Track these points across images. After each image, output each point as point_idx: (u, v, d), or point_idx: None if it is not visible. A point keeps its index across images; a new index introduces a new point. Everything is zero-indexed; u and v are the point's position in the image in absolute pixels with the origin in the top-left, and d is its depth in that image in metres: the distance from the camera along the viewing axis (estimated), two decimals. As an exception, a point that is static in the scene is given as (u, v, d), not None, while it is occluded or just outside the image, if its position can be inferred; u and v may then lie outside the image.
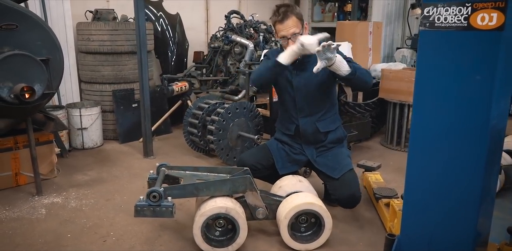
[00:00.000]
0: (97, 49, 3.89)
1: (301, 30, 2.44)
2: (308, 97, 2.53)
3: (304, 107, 2.55)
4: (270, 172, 2.61)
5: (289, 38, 2.41)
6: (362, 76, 2.33)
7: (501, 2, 1.39)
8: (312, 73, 2.45)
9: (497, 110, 1.51)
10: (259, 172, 2.58)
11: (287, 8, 2.42)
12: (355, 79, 2.30)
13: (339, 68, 2.24)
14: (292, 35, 2.40)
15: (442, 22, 1.54)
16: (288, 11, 2.40)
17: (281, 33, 2.44)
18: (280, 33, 2.45)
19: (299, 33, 2.41)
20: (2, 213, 2.62)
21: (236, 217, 2.06)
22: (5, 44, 2.52)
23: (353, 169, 2.50)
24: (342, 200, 2.43)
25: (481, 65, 1.48)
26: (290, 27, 2.40)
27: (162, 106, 4.33)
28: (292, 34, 2.40)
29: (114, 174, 3.30)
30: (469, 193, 1.60)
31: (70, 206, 2.74)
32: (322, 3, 6.22)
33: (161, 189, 1.98)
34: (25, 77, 2.56)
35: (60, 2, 3.94)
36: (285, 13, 2.39)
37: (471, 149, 1.55)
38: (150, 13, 4.66)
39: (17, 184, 3.03)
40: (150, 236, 2.34)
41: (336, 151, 2.58)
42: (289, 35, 2.40)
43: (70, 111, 3.80)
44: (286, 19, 2.39)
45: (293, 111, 2.59)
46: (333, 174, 2.45)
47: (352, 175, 2.44)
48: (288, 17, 2.39)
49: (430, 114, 1.64)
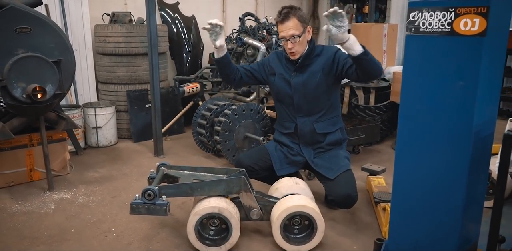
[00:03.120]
0: (113, 50, 4.02)
1: (302, 33, 2.43)
2: (306, 96, 2.55)
3: (302, 107, 2.57)
4: (268, 174, 2.64)
5: (288, 40, 2.42)
6: (374, 60, 2.28)
7: (483, 7, 1.38)
8: (312, 75, 2.50)
9: (481, 117, 1.50)
10: (256, 173, 2.61)
11: (290, 9, 2.41)
12: (367, 61, 2.23)
13: (352, 46, 2.18)
14: (290, 37, 2.41)
15: (426, 27, 1.54)
16: (290, 13, 2.40)
17: (281, 34, 2.46)
18: (280, 33, 2.47)
19: (299, 36, 2.42)
20: (14, 207, 2.75)
21: (229, 217, 2.10)
22: (19, 46, 2.66)
23: (350, 170, 2.50)
24: (338, 200, 2.44)
25: (464, 71, 1.47)
26: (289, 29, 2.40)
27: (176, 107, 4.43)
28: (291, 36, 2.41)
29: (124, 172, 3.41)
30: (453, 199, 1.59)
31: (78, 202, 2.85)
32: (340, 4, 6.18)
33: (156, 188, 2.04)
34: (37, 77, 2.69)
35: (79, 5, 4.10)
36: (287, 14, 2.40)
37: (454, 155, 1.54)
38: (167, 15, 4.78)
39: (32, 179, 3.18)
40: (149, 233, 2.41)
41: (334, 152, 2.59)
42: (288, 36, 2.41)
43: (85, 111, 3.95)
44: (286, 20, 2.40)
45: (292, 110, 2.61)
46: (328, 174, 2.46)
47: (348, 176, 2.45)
48: (289, 18, 2.40)
49: (415, 120, 1.63)
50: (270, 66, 2.67)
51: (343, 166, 2.48)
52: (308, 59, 2.52)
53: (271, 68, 2.66)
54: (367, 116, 3.94)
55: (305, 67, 2.53)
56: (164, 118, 4.02)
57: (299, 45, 2.46)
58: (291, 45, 2.44)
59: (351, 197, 2.40)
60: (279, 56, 2.66)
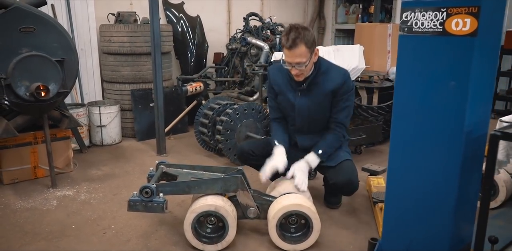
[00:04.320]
0: (118, 50, 4.06)
1: (309, 59, 2.31)
2: (309, 119, 2.54)
3: (303, 128, 2.59)
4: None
5: (293, 66, 2.32)
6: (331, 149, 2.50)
7: (474, 7, 1.38)
8: (317, 97, 2.46)
9: (473, 117, 1.50)
10: (256, 159, 2.63)
11: (298, 34, 2.24)
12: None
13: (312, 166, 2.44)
14: (296, 64, 2.30)
15: (419, 27, 1.54)
16: (297, 38, 2.23)
17: (286, 59, 2.34)
18: (285, 58, 2.34)
19: (305, 64, 2.30)
20: (18, 203, 2.80)
21: (225, 215, 2.12)
22: (23, 46, 2.70)
23: (352, 160, 2.55)
24: (339, 185, 2.47)
25: (455, 71, 1.47)
26: (296, 56, 2.28)
27: (180, 106, 4.45)
28: (297, 64, 2.30)
29: (126, 170, 3.44)
30: (445, 199, 1.59)
31: (80, 199, 2.89)
32: (346, 4, 6.18)
33: (153, 185, 2.07)
34: (41, 76, 2.74)
35: (85, 5, 4.14)
36: (294, 41, 2.24)
37: (446, 155, 1.54)
38: (172, 15, 4.82)
39: (36, 176, 3.23)
40: (148, 230, 2.44)
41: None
42: (294, 63, 2.31)
43: (90, 109, 4.00)
44: (294, 47, 2.25)
45: (292, 128, 2.63)
46: (330, 163, 2.50)
47: (349, 163, 2.50)
48: (297, 45, 2.24)
49: (408, 120, 1.64)
50: (274, 86, 2.59)
51: (344, 156, 2.53)
52: (314, 81, 2.43)
53: (276, 87, 2.58)
54: (369, 116, 3.93)
55: (311, 86, 2.45)
56: (168, 117, 4.06)
57: (306, 69, 2.36)
58: (296, 71, 2.35)
59: (353, 183, 2.45)
60: (281, 71, 2.52)
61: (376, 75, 4.09)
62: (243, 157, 2.74)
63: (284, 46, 2.31)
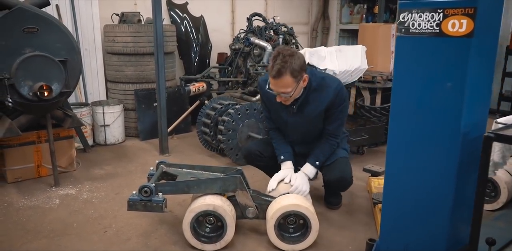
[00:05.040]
0: (121, 50, 4.09)
1: (295, 88, 2.24)
2: (303, 134, 2.57)
3: (297, 140, 2.62)
4: (273, 163, 2.64)
5: (279, 94, 2.29)
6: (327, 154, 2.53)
7: (470, 8, 1.38)
8: (309, 115, 2.45)
9: (470, 118, 1.49)
10: (264, 159, 2.67)
11: (284, 63, 2.15)
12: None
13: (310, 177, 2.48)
14: (281, 93, 2.26)
15: (416, 28, 1.54)
16: (283, 68, 2.15)
17: (272, 87, 2.29)
18: (271, 85, 2.29)
19: (290, 94, 2.25)
20: (21, 201, 2.84)
21: (224, 214, 2.13)
22: (26, 46, 2.73)
23: (347, 157, 2.60)
24: (332, 181, 2.53)
25: (452, 72, 1.47)
26: (280, 87, 2.23)
27: (183, 106, 4.47)
28: (282, 93, 2.26)
29: (129, 170, 3.47)
30: (441, 200, 1.58)
31: (82, 197, 2.92)
32: (350, 4, 6.16)
33: (152, 185, 2.09)
34: (44, 76, 2.77)
35: (89, 5, 4.18)
36: (279, 71, 2.16)
37: (443, 156, 1.54)
38: (175, 15, 4.84)
39: (39, 175, 3.26)
40: (148, 229, 2.46)
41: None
42: (278, 92, 2.27)
43: (94, 109, 4.03)
44: (278, 77, 2.18)
45: (287, 138, 2.64)
46: (326, 161, 2.55)
47: (343, 160, 2.55)
48: (282, 76, 2.17)
49: (405, 121, 1.64)
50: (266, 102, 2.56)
51: (339, 154, 2.57)
52: (305, 100, 2.39)
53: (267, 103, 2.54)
54: (372, 117, 3.92)
55: (304, 105, 2.42)
56: (171, 117, 4.09)
57: (291, 97, 2.32)
58: (280, 99, 2.31)
59: (346, 179, 2.51)
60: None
61: (380, 75, 4.08)
62: (250, 158, 2.74)
63: (269, 75, 2.24)
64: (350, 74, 3.50)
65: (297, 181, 2.39)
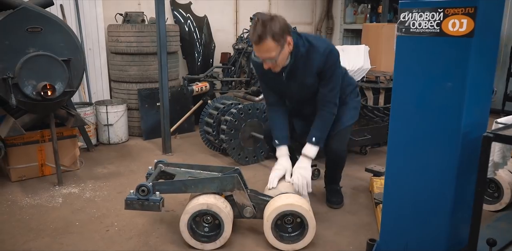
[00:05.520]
0: (125, 50, 4.10)
1: (279, 52, 2.19)
2: (299, 102, 2.55)
3: (297, 110, 2.60)
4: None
5: (264, 60, 2.25)
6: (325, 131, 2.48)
7: (470, 8, 1.38)
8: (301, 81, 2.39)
9: (470, 118, 1.49)
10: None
11: (264, 28, 2.11)
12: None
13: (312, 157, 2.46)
14: (266, 59, 2.22)
15: (416, 28, 1.54)
16: (263, 33, 2.11)
17: (256, 54, 2.27)
18: (255, 52, 2.27)
19: (275, 59, 2.21)
20: (24, 200, 2.86)
21: (218, 211, 2.13)
22: (30, 45, 2.75)
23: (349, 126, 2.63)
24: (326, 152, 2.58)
25: (452, 72, 1.47)
26: (264, 52, 2.19)
27: (186, 105, 4.49)
28: (267, 58, 2.22)
29: (131, 169, 3.48)
30: (441, 201, 1.58)
31: (85, 196, 2.93)
32: (354, 4, 6.15)
33: (149, 184, 2.09)
34: (47, 76, 2.78)
35: (93, 5, 4.20)
36: (260, 37, 2.13)
37: (443, 156, 1.54)
38: (179, 15, 4.85)
39: (43, 174, 3.28)
40: (149, 228, 2.47)
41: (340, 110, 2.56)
42: (264, 58, 2.24)
43: (97, 108, 4.05)
44: (260, 43, 2.14)
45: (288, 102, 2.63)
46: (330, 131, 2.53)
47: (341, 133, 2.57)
48: (263, 41, 2.13)
49: (405, 121, 1.64)
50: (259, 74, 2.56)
51: (344, 123, 2.58)
52: (294, 67, 2.34)
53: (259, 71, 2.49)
54: (375, 117, 3.91)
55: (293, 74, 2.38)
56: (174, 116, 4.10)
57: (278, 63, 2.26)
58: (268, 65, 2.27)
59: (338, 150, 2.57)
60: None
61: (383, 75, 4.07)
62: (268, 139, 2.73)
63: (252, 42, 2.22)
64: (353, 74, 3.49)
65: (297, 180, 2.36)
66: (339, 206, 2.75)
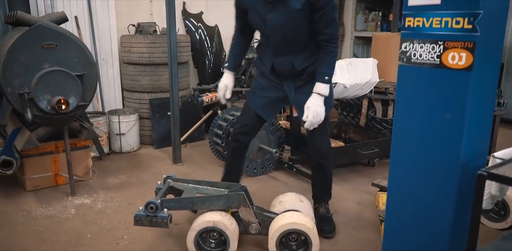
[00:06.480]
0: (137, 60, 4.19)
1: None
2: (283, 37, 2.31)
3: (278, 49, 2.39)
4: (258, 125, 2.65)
5: None
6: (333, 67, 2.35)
7: (469, 43, 1.40)
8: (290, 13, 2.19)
9: (469, 148, 1.51)
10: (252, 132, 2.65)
11: None
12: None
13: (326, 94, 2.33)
14: None
15: (417, 58, 1.57)
16: None
17: None
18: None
19: None
20: (39, 210, 2.95)
21: (224, 228, 2.19)
22: (46, 61, 2.84)
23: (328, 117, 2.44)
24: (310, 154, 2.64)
25: (452, 103, 1.49)
26: None
27: (196, 114, 4.55)
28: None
29: (142, 179, 3.56)
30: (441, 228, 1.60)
31: (96, 207, 3.02)
32: (365, 12, 6.14)
33: (158, 201, 2.16)
34: (62, 90, 2.87)
35: (107, 17, 4.30)
36: None
37: (442, 184, 1.56)
38: (190, 24, 4.92)
39: (57, 184, 3.38)
40: (157, 242, 2.54)
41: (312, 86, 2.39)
42: None
43: (110, 118, 4.14)
44: None
45: (269, 49, 2.45)
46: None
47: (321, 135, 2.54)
48: None
49: (406, 148, 1.67)
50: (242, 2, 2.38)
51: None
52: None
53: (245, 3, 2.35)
54: (383, 129, 3.92)
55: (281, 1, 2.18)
56: (185, 125, 4.17)
57: None
58: None
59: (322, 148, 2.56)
60: None
61: (392, 86, 4.07)
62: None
63: None
64: (361, 87, 3.51)
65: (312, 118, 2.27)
66: (331, 235, 2.59)
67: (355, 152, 3.48)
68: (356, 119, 4.28)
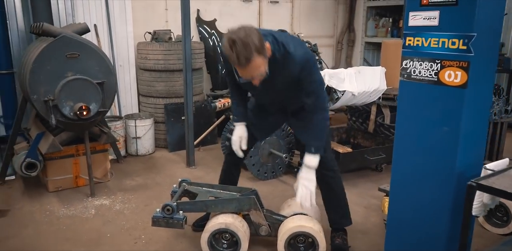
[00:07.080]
0: (153, 67, 4.36)
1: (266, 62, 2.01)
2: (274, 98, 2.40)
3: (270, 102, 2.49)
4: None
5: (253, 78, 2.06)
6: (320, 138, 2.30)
7: (464, 62, 1.52)
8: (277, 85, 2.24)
9: (465, 160, 1.62)
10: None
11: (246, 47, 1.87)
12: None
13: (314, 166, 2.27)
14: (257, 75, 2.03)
15: (417, 75, 1.69)
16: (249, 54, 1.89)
17: (243, 76, 2.07)
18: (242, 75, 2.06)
19: (266, 71, 2.03)
20: (61, 210, 3.13)
21: (235, 230, 2.33)
22: (69, 70, 3.01)
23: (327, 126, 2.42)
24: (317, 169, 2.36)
25: (448, 117, 1.61)
26: (254, 71, 1.99)
27: (210, 119, 4.70)
28: (258, 75, 2.03)
29: (157, 181, 3.72)
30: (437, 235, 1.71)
31: (115, 208, 3.18)
32: (376, 18, 6.23)
33: (174, 203, 2.31)
34: (83, 97, 3.04)
35: (124, 24, 4.48)
36: (247, 58, 1.90)
37: (439, 194, 1.68)
38: (204, 31, 5.08)
39: (77, 185, 3.56)
40: (173, 242, 2.69)
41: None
42: (254, 76, 2.04)
43: (126, 122, 4.32)
44: (248, 63, 1.92)
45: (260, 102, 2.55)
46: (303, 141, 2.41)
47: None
48: (251, 60, 1.91)
49: (406, 159, 1.78)
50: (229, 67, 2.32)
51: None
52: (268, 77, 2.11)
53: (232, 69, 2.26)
54: (391, 135, 4.02)
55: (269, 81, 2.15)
56: (199, 129, 4.32)
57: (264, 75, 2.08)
58: (257, 80, 2.08)
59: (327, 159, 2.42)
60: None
61: (400, 93, 4.16)
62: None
63: (235, 64, 1.99)
64: (369, 95, 3.62)
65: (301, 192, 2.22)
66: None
67: (363, 158, 3.58)
68: (364, 124, 4.38)
